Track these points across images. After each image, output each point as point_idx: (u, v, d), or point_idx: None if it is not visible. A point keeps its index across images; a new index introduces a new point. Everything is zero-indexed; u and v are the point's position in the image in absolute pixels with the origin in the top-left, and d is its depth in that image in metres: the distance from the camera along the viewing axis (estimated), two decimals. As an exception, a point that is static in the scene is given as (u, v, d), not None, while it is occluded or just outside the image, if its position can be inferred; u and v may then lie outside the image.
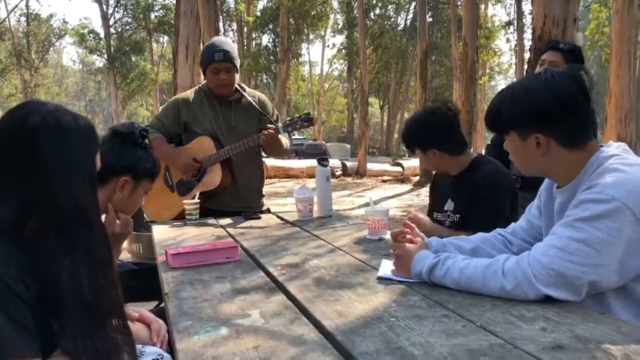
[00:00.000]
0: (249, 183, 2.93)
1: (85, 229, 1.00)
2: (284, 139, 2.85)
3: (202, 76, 2.98)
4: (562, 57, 2.42)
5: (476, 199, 2.05)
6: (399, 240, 1.51)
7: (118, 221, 1.57)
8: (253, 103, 2.91)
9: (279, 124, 2.79)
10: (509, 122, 1.37)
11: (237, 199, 2.86)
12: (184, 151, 2.84)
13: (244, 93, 2.92)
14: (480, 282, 1.25)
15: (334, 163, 17.95)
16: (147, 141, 1.66)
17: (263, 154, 3.02)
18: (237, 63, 2.86)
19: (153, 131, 2.84)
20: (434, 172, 2.45)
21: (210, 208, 2.77)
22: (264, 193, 3.06)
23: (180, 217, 2.74)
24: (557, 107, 1.28)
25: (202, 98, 2.89)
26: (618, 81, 8.02)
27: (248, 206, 2.86)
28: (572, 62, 2.27)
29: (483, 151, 2.72)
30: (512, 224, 1.63)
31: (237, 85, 2.91)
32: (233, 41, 32.30)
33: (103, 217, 1.64)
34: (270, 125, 2.75)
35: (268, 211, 2.98)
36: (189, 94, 2.97)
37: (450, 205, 2.18)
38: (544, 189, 1.53)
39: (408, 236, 1.53)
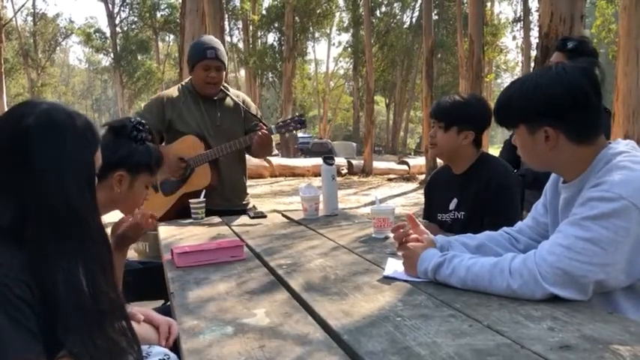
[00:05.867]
0: (236, 182, 2.89)
1: (81, 231, 0.98)
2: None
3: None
4: (567, 58, 2.39)
5: (485, 199, 2.02)
6: (404, 241, 1.50)
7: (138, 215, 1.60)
8: (238, 102, 2.87)
9: (272, 126, 2.73)
10: (518, 115, 1.35)
11: (223, 198, 2.81)
12: (171, 149, 2.73)
13: (228, 93, 2.87)
14: (486, 280, 1.24)
15: (340, 161, 17.95)
16: (143, 134, 1.63)
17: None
18: (227, 63, 2.82)
19: None
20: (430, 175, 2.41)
21: None
22: (248, 190, 2.99)
23: (167, 218, 2.68)
24: (568, 101, 1.27)
25: (187, 96, 2.81)
26: (626, 78, 7.93)
27: (234, 205, 2.83)
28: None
29: (489, 150, 2.71)
30: (519, 222, 1.62)
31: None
32: (238, 40, 32.44)
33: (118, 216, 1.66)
34: (262, 126, 2.66)
35: (254, 207, 2.93)
36: (174, 91, 2.87)
37: (455, 204, 2.17)
38: (549, 186, 1.52)
39: (414, 235, 1.52)
